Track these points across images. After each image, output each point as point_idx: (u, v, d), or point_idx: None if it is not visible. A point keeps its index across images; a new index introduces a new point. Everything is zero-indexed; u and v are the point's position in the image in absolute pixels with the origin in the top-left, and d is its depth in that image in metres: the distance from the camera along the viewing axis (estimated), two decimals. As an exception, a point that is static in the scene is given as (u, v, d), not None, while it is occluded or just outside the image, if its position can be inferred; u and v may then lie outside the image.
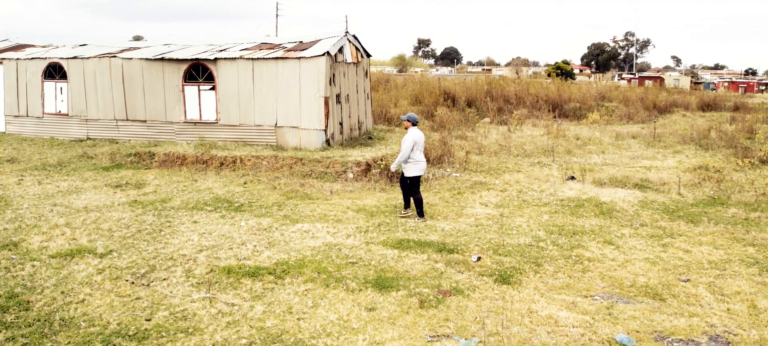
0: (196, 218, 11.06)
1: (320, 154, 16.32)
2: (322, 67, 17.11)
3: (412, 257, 9.05)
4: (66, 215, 11.13)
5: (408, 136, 11.31)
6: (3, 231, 10.01)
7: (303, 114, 17.47)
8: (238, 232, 10.24)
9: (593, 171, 16.50)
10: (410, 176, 11.41)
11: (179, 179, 14.54)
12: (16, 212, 11.22)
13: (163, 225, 10.51)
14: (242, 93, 18.05)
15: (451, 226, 10.99)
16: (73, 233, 9.98)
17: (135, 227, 10.35)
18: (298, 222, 10.90)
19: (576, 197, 13.34)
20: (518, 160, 18.20)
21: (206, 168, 15.80)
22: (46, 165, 16.23)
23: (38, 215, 11.04)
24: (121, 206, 11.82)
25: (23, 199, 12.37)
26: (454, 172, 16.02)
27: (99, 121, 19.95)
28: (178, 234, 10.04)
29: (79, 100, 20.16)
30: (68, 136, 20.33)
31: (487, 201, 13.15)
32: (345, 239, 9.97)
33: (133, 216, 11.05)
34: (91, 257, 8.77)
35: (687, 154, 19.35)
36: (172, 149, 16.99)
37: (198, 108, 18.67)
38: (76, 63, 19.97)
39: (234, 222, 10.82)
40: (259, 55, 17.78)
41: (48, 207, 11.67)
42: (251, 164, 15.75)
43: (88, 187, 13.61)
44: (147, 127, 19.33)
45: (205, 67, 18.43)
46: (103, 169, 15.74)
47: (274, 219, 11.07)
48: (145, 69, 19.01)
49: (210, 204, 12.08)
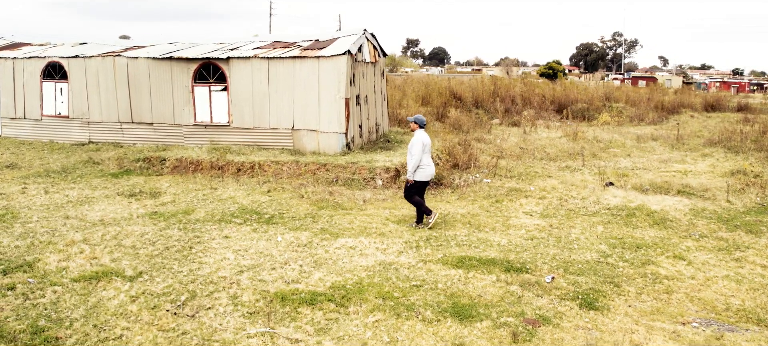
0: (227, 232, 10.02)
1: (343, 159, 15.30)
2: (343, 67, 16.09)
3: (480, 278, 8.07)
4: (81, 229, 10.05)
5: (416, 139, 10.48)
6: (14, 249, 8.93)
7: (322, 116, 16.44)
8: (276, 248, 9.22)
9: (628, 176, 15.62)
10: (417, 180, 10.61)
11: (196, 187, 13.47)
12: (26, 226, 10.12)
13: (192, 241, 9.46)
14: (257, 94, 16.98)
15: (505, 239, 10.03)
16: (93, 251, 8.91)
17: (161, 244, 9.29)
18: (339, 236, 9.89)
19: (623, 206, 12.43)
20: (545, 165, 17.28)
21: (222, 174, 14.74)
22: (49, 171, 15.09)
23: (51, 230, 9.95)
24: (141, 219, 10.74)
25: (31, 210, 11.26)
26: (484, 177, 15.07)
27: (102, 123, 18.79)
28: (210, 252, 8.99)
29: (80, 101, 18.98)
30: (69, 140, 19.15)
31: (531, 210, 12.22)
32: (397, 256, 8.97)
33: (157, 231, 9.98)
34: (119, 281, 7.72)
35: (717, 158, 18.53)
36: (184, 154, 15.89)
37: (209, 110, 17.58)
38: (78, 62, 18.79)
39: (269, 237, 9.79)
40: (274, 54, 16.72)
41: (59, 220, 10.57)
42: (271, 170, 14.70)
43: (99, 196, 12.52)
44: (154, 130, 18.20)
45: (216, 66, 17.34)
46: (112, 176, 14.63)
47: (312, 233, 10.05)
48: (151, 69, 17.88)
49: (237, 216, 11.04)
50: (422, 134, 10.64)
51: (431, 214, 10.76)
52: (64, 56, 18.96)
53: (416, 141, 10.48)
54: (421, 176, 10.61)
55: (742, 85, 77.37)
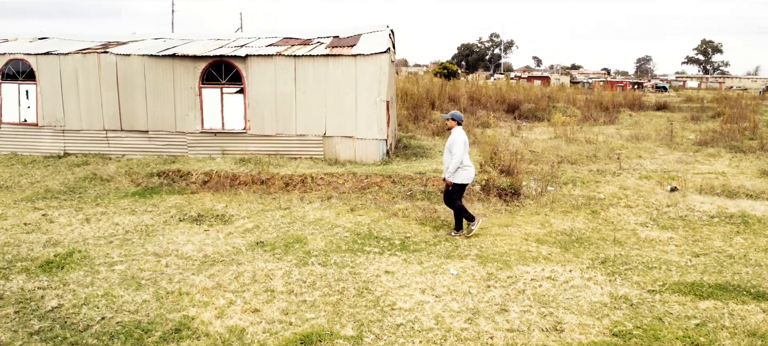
0: (378, 265, 8.18)
1: (389, 168, 13.63)
2: (385, 67, 14.38)
3: (742, 310, 6.87)
4: (193, 270, 7.84)
5: (457, 137, 9.40)
6: (142, 304, 6.66)
7: (359, 121, 14.62)
8: (464, 285, 7.54)
9: (674, 179, 15.10)
10: (457, 183, 9.53)
11: (263, 207, 11.33)
12: (121, 273, 7.74)
13: (358, 281, 7.57)
14: (281, 97, 14.85)
15: (675, 257, 8.90)
16: (248, 301, 6.84)
17: (325, 287, 7.34)
18: (510, 265, 8.34)
19: (721, 212, 11.73)
20: (576, 169, 16.45)
21: (267, 190, 12.61)
22: (51, 192, 12.28)
23: (156, 274, 7.67)
24: (250, 252, 8.62)
25: (95, 246, 8.78)
26: (547, 185, 13.95)
27: (81, 132, 15.82)
28: (394, 294, 7.17)
29: (53, 106, 15.89)
30: (37, 152, 15.99)
31: (642, 222, 11.21)
32: (610, 286, 7.59)
33: (294, 268, 7.96)
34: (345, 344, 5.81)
35: (729, 158, 18.50)
36: (212, 167, 13.53)
37: (220, 115, 15.20)
38: (50, 60, 15.69)
39: (434, 269, 8.07)
40: (303, 52, 14.68)
41: (150, 259, 8.24)
42: (325, 183, 12.76)
43: (158, 223, 10.12)
44: (148, 139, 15.53)
45: (229, 66, 15.02)
46: (138, 196, 12.10)
47: (476, 262, 8.43)
48: (148, 68, 15.22)
49: (364, 244, 9.17)
50: (461, 132, 9.55)
51: (474, 221, 9.73)
52: (31, 53, 15.78)
53: (457, 139, 9.37)
54: (463, 177, 9.53)
55: (625, 84, 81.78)
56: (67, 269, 7.77)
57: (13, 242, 8.93)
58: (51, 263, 7.94)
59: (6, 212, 10.75)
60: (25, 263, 7.99)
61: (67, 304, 6.66)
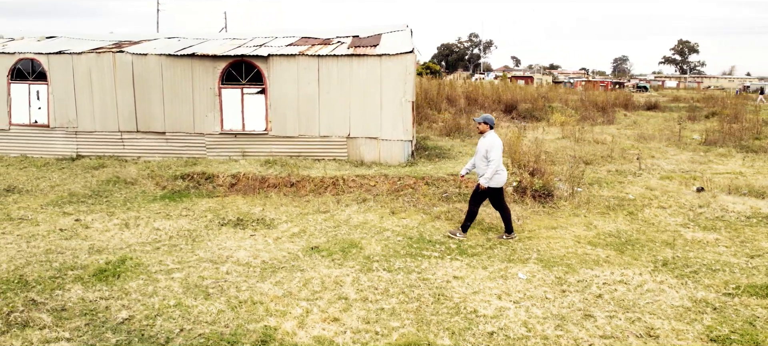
0: (444, 271, 7.93)
1: (415, 169, 13.39)
2: (411, 67, 14.14)
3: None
4: (256, 277, 7.52)
5: (494, 142, 9.13)
6: (217, 315, 6.34)
7: (384, 122, 14.36)
8: (537, 289, 7.33)
9: (697, 179, 15.06)
10: (497, 187, 9.28)
11: (301, 211, 11.01)
12: (182, 282, 7.40)
13: (430, 287, 7.31)
14: (304, 98, 14.53)
15: (750, 262, 8.78)
16: (324, 309, 6.55)
17: (400, 294, 7.06)
18: (575, 268, 8.14)
19: (761, 213, 11.64)
20: (594, 169, 16.35)
21: (297, 192, 12.29)
22: (75, 195, 11.85)
23: (219, 282, 7.34)
24: (308, 258, 8.31)
25: (143, 253, 8.42)
26: (575, 186, 13.80)
27: (95, 133, 15.35)
28: (471, 301, 6.93)
29: (65, 107, 15.39)
30: (49, 154, 15.48)
31: (682, 223, 11.10)
32: (691, 289, 7.43)
33: (358, 274, 7.67)
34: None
35: (740, 158, 18.54)
36: (239, 170, 13.17)
37: (240, 116, 14.83)
38: (62, 60, 15.19)
39: (502, 274, 7.84)
40: (326, 52, 14.37)
41: (207, 267, 7.90)
42: (357, 185, 12.47)
43: (199, 228, 9.77)
44: (166, 140, 15.11)
45: (250, 65, 14.65)
46: (167, 199, 11.71)
47: (538, 265, 8.24)
48: (165, 68, 14.79)
49: (420, 247, 8.91)
50: (497, 136, 9.32)
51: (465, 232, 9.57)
52: (42, 52, 15.25)
53: (495, 144, 9.11)
54: (498, 182, 9.28)
55: (607, 84, 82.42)
56: (123, 277, 7.40)
57: (54, 248, 8.53)
58: (104, 271, 7.57)
59: (35, 216, 10.31)
60: (76, 271, 7.60)
61: (138, 315, 6.31)
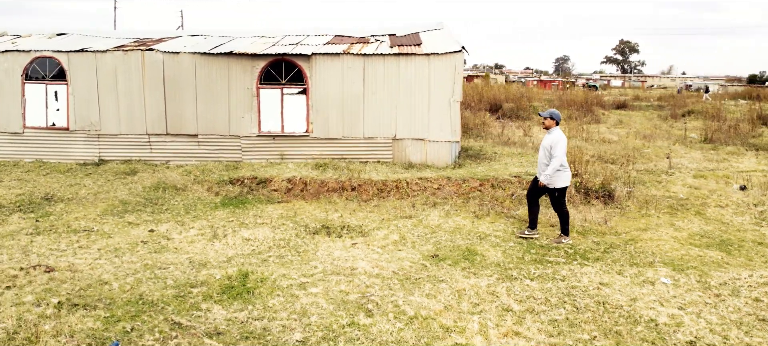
0: (589, 278, 7.53)
1: (464, 171, 12.98)
2: (459, 66, 13.72)
3: None
4: (401, 289, 6.95)
5: (560, 138, 8.77)
6: (399, 334, 5.77)
7: (431, 123, 13.89)
8: (690, 294, 7.02)
9: (731, 178, 15.18)
10: (560, 188, 8.93)
11: (383, 216, 10.44)
12: (326, 297, 6.76)
13: (593, 298, 6.90)
14: (348, 98, 13.92)
15: None
16: (500, 325, 6.07)
17: (564, 304, 6.64)
18: (706, 272, 7.86)
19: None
20: (621, 168, 16.29)
21: (358, 196, 11.72)
22: (128, 204, 10.97)
23: (365, 296, 6.74)
24: (437, 267, 7.80)
25: (255, 266, 7.73)
26: (625, 187, 13.66)
27: (120, 136, 14.35)
28: (642, 310, 6.57)
29: (87, 108, 14.33)
30: (68, 158, 14.39)
31: (755, 222, 11.05)
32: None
33: (511, 285, 7.22)
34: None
35: (752, 156, 18.84)
36: (294, 174, 12.48)
37: (279, 117, 14.11)
38: (84, 58, 14.13)
39: (642, 281, 7.52)
40: (370, 51, 13.81)
41: (340, 280, 7.25)
42: (420, 189, 11.98)
43: (287, 237, 9.08)
44: (197, 143, 14.24)
45: (291, 65, 13.95)
46: (231, 206, 10.97)
47: (668, 268, 7.95)
48: (199, 67, 13.94)
49: (538, 253, 8.50)
50: (562, 133, 8.97)
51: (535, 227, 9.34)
52: (61, 50, 14.15)
53: (561, 140, 8.75)
54: (565, 180, 8.92)
55: (559, 83, 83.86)
56: (256, 294, 6.72)
57: (152, 263, 7.75)
58: (232, 287, 6.87)
59: (101, 227, 9.43)
60: (199, 288, 6.88)
61: (313, 337, 5.68)
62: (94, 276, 7.18)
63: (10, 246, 8.34)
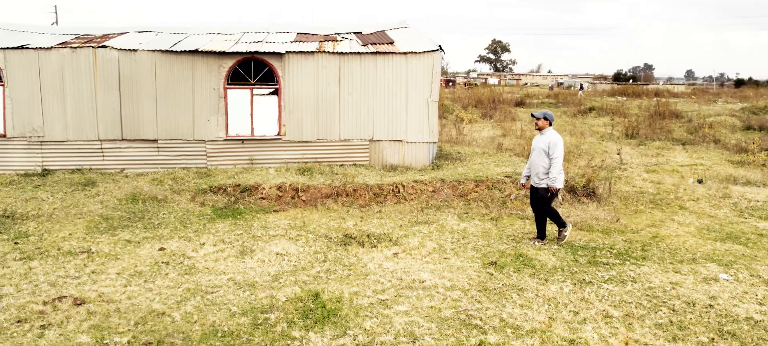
0: (660, 277, 7.49)
1: (442, 173, 12.77)
2: (437, 66, 13.45)
3: None
4: (490, 303, 6.57)
5: (557, 138, 8.39)
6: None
7: (410, 124, 13.52)
8: (752, 288, 7.17)
9: (679, 172, 15.99)
10: (559, 188, 8.61)
11: (393, 223, 9.89)
12: (424, 315, 6.25)
13: (678, 300, 6.85)
14: (323, 99, 13.24)
15: None
16: (614, 335, 5.86)
17: (656, 308, 6.53)
18: (748, 267, 8.10)
19: (781, 201, 12.60)
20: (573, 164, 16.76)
21: (353, 202, 11.17)
22: (111, 219, 9.75)
23: (463, 313, 6.31)
24: (502, 274, 7.47)
25: (312, 285, 7.06)
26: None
27: (66, 143, 12.81)
28: (727, 309, 6.61)
29: (28, 112, 12.67)
30: (6, 169, 12.68)
31: (737, 213, 11.64)
32: None
33: (590, 290, 7.02)
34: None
35: (679, 150, 19.96)
36: (283, 180, 11.64)
37: (249, 120, 13.18)
38: (23, 57, 12.48)
39: (703, 278, 7.61)
40: (347, 49, 13.22)
41: (420, 296, 6.73)
42: (417, 192, 11.60)
43: (318, 250, 8.41)
44: (157, 149, 13.01)
45: (261, 64, 13.07)
46: (228, 217, 10.03)
47: (715, 264, 8.11)
48: (159, 66, 12.72)
49: (581, 255, 8.39)
50: (556, 133, 8.64)
51: (566, 226, 8.82)
52: (-5, 47, 12.42)
53: (559, 140, 8.43)
54: (562, 181, 8.70)
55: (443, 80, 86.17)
56: (343, 316, 6.08)
57: (195, 288, 6.85)
58: (312, 310, 6.17)
59: (100, 248, 8.28)
60: (270, 314, 6.13)
61: (448, 362, 5.18)
62: (141, 307, 6.22)
63: (8, 275, 7.09)
